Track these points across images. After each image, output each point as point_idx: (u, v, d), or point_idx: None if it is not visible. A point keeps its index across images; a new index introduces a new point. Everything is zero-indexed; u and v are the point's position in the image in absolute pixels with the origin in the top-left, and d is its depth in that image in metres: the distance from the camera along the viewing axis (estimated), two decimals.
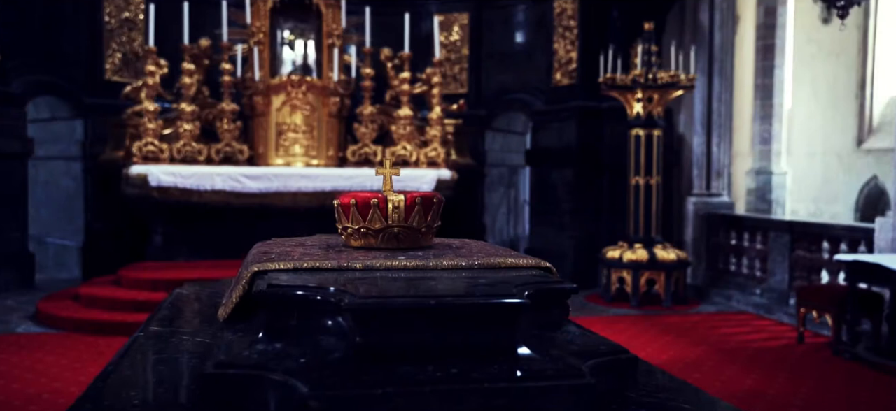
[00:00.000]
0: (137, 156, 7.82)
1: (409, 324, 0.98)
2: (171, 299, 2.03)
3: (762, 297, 7.73)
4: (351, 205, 1.39)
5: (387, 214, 1.37)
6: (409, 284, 1.09)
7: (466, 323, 1.01)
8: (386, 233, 1.38)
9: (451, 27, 10.17)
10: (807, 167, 11.77)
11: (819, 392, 4.84)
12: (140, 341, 1.56)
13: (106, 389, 1.23)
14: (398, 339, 0.98)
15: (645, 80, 7.76)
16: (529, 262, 1.27)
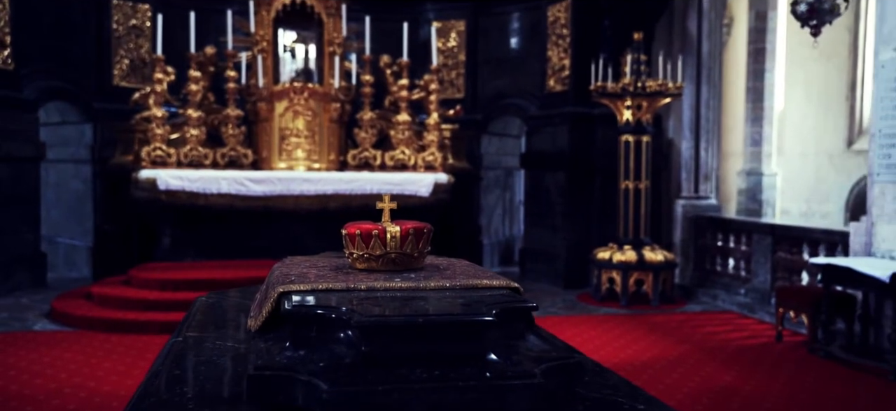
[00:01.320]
0: (146, 160, 8.12)
1: (403, 337, 1.29)
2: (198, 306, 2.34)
3: (746, 297, 8.05)
4: (356, 235, 1.70)
5: (386, 242, 1.68)
6: (403, 304, 1.40)
7: (447, 336, 1.32)
8: (385, 258, 1.69)
9: (448, 34, 10.47)
10: (799, 167, 12.07)
11: (792, 388, 5.16)
12: (179, 345, 1.87)
13: (160, 386, 1.54)
14: (394, 349, 1.29)
15: (634, 89, 8.06)
16: (501, 283, 1.58)
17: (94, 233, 9.57)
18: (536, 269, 9.76)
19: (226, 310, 2.29)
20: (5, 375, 5.08)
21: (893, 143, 5.86)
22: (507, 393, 1.25)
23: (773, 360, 5.91)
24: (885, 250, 5.91)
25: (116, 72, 9.64)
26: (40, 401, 4.58)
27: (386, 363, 1.26)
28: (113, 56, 9.60)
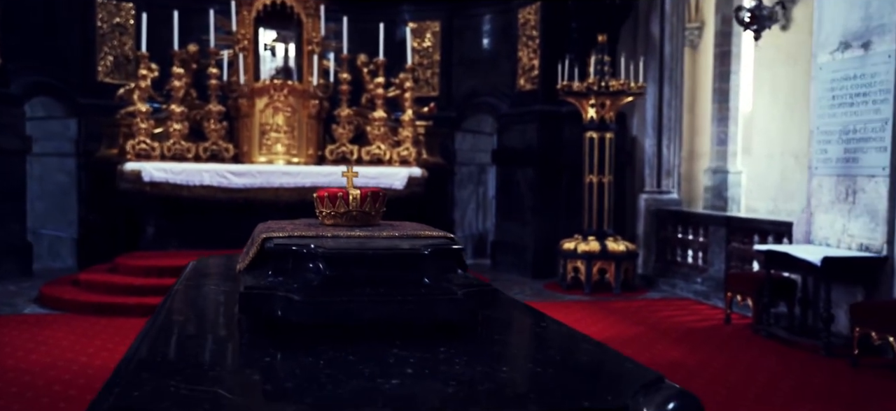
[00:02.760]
0: (131, 153, 8.44)
1: (358, 264, 1.69)
2: (190, 267, 2.73)
3: (702, 285, 8.54)
4: (325, 197, 2.11)
5: (348, 202, 2.09)
6: (360, 243, 1.80)
7: (392, 264, 1.72)
8: (347, 215, 2.09)
9: (423, 34, 10.88)
10: (766, 167, 12.59)
11: (732, 361, 5.63)
12: (179, 290, 2.26)
13: (168, 313, 1.93)
14: (351, 273, 1.69)
15: (598, 88, 8.52)
16: (438, 234, 1.99)
17: (78, 225, 9.86)
18: (507, 261, 10.19)
19: (214, 268, 2.69)
20: (1, 352, 5.41)
21: (829, 140, 6.36)
22: (435, 304, 1.66)
23: (719, 340, 6.39)
24: (821, 238, 6.41)
25: (101, 68, 9.94)
26: (36, 373, 4.92)
27: (345, 283, 1.66)
28: (97, 53, 9.90)
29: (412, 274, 1.73)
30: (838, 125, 6.25)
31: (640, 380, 1.37)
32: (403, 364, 1.44)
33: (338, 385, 1.29)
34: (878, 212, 5.86)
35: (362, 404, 1.18)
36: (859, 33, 6.02)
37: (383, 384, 1.31)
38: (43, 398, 4.42)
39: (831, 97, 6.32)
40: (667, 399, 1.33)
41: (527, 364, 1.58)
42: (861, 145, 6.02)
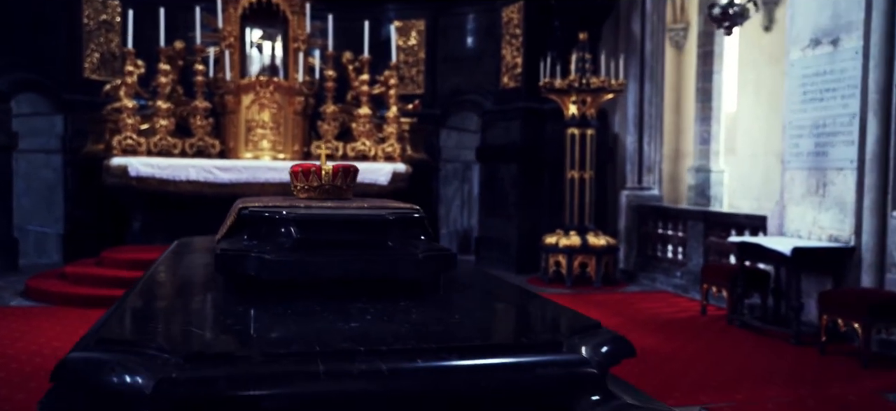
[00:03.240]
0: (117, 148, 8.52)
1: (326, 228, 1.81)
2: (175, 244, 2.85)
3: (681, 279, 8.70)
4: (299, 171, 2.23)
5: (321, 176, 2.21)
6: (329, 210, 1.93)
7: (359, 229, 1.85)
8: (320, 189, 2.21)
9: (408, 33, 11.01)
10: (750, 167, 12.80)
11: (705, 348, 5.78)
12: (163, 259, 2.37)
13: (152, 275, 2.05)
14: (320, 236, 1.81)
15: (579, 85, 8.68)
16: (404, 205, 2.12)
17: (64, 221, 9.91)
18: (491, 256, 10.33)
19: (197, 244, 2.80)
20: None
21: (801, 134, 6.53)
22: (397, 265, 1.78)
23: (694, 329, 6.55)
24: (793, 230, 6.58)
25: (87, 65, 10.00)
26: (23, 360, 5.01)
27: (314, 245, 1.79)
28: (84, 50, 9.95)
29: (377, 238, 1.85)
30: (809, 120, 6.42)
31: (580, 325, 1.50)
32: (364, 312, 1.56)
33: (302, 326, 1.41)
34: (846, 204, 6.04)
35: (323, 340, 1.31)
36: (829, 30, 6.20)
37: (344, 326, 1.43)
38: (30, 382, 4.51)
39: (803, 93, 6.50)
40: (602, 341, 1.47)
41: (477, 312, 1.71)
42: (830, 139, 6.20)
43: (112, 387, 1.21)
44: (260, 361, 1.22)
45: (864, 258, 5.90)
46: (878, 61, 5.80)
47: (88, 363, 1.26)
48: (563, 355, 1.34)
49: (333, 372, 1.22)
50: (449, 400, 1.27)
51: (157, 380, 1.16)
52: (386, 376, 1.24)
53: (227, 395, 1.18)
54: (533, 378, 1.30)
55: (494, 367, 1.29)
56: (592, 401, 1.43)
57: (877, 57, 5.80)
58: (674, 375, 4.97)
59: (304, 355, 1.24)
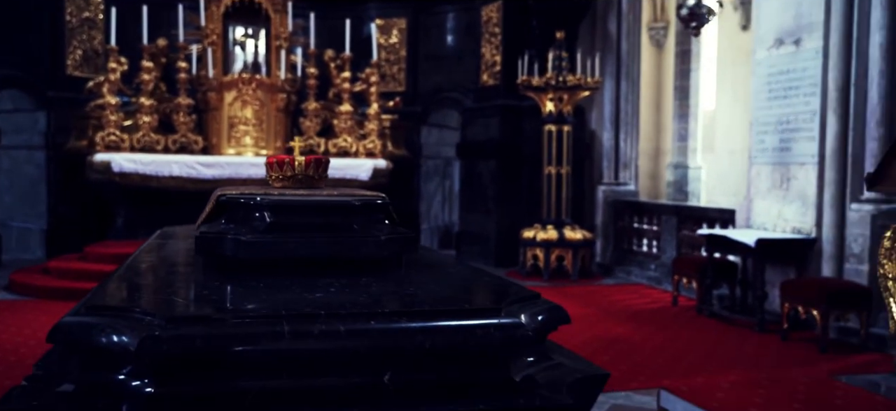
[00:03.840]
0: (100, 145, 8.62)
1: (297, 212, 1.99)
2: (158, 232, 3.01)
3: (655, 272, 8.94)
4: (274, 162, 2.40)
5: (294, 167, 2.38)
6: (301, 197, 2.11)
7: (327, 212, 2.03)
8: (293, 178, 2.38)
9: (390, 31, 11.17)
10: (728, 164, 13.06)
11: (673, 337, 6.00)
12: (146, 246, 2.54)
13: (135, 258, 2.21)
14: (292, 220, 1.98)
15: (556, 83, 8.88)
16: (369, 193, 2.29)
17: (47, 217, 9.99)
18: (471, 251, 10.52)
19: (180, 232, 2.97)
20: None
21: (766, 131, 6.77)
22: (361, 245, 1.96)
23: (664, 319, 6.78)
24: (760, 222, 6.82)
25: (70, 62, 10.08)
26: (8, 350, 5.14)
27: (286, 228, 1.96)
28: (66, 47, 10.03)
29: (344, 221, 2.03)
30: (774, 117, 6.66)
31: (521, 296, 1.69)
32: (329, 286, 1.74)
33: (272, 296, 1.59)
34: (808, 198, 6.28)
35: (289, 307, 1.48)
36: (792, 31, 6.44)
37: (309, 296, 1.61)
38: (15, 370, 4.64)
39: (768, 90, 6.74)
40: (540, 310, 1.65)
41: (431, 286, 1.89)
42: (794, 135, 6.44)
43: (101, 346, 1.37)
44: (233, 323, 1.39)
45: (824, 249, 6.14)
46: (836, 61, 6.04)
47: (80, 326, 1.43)
48: (501, 319, 1.52)
49: (297, 332, 1.40)
50: (399, 358, 1.45)
51: (141, 339, 1.33)
52: (343, 335, 1.42)
53: (203, 351, 1.35)
54: (474, 339, 1.48)
55: (439, 329, 1.47)
56: (528, 362, 1.61)
57: (835, 57, 6.05)
58: (641, 361, 5.18)
59: (271, 317, 1.42)
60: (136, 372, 1.36)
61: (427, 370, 1.46)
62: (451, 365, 1.48)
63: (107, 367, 1.39)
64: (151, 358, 1.34)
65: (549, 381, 1.56)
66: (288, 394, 1.39)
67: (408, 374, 1.44)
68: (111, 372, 1.38)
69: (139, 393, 1.34)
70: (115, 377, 1.38)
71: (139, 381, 1.35)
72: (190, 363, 1.36)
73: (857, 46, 5.96)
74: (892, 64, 5.80)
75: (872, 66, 5.86)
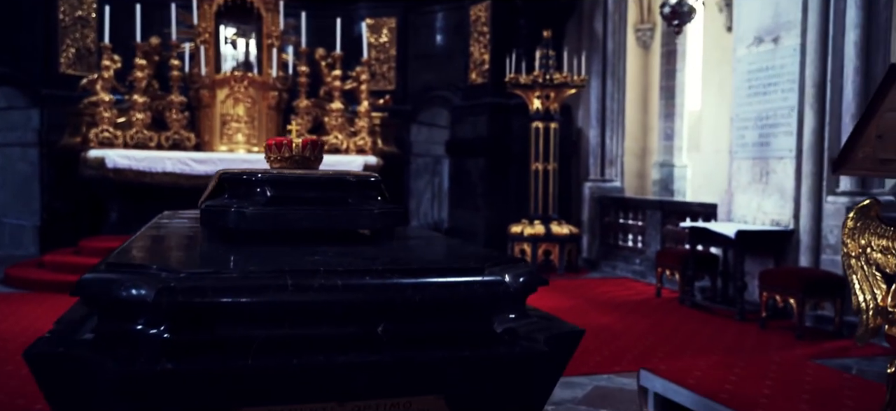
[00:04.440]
0: (94, 141, 8.73)
1: (296, 188, 2.14)
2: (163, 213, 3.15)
3: (640, 265, 9.13)
4: (273, 144, 2.55)
5: (292, 148, 2.53)
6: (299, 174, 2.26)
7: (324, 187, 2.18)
8: (291, 159, 2.54)
9: (380, 30, 11.32)
10: (714, 163, 13.26)
11: (655, 325, 6.18)
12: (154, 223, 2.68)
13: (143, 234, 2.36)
14: (290, 194, 2.13)
15: (543, 80, 9.06)
16: (364, 173, 2.45)
17: (41, 213, 10.07)
18: None
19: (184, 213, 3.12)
20: None
21: (746, 126, 6.97)
22: (357, 218, 2.11)
23: (647, 309, 6.96)
24: (740, 215, 7.02)
25: (63, 60, 10.17)
26: (7, 339, 5.25)
27: (286, 201, 2.11)
28: (60, 45, 10.13)
29: (340, 196, 2.18)
30: (754, 113, 6.86)
31: (504, 260, 1.84)
32: (327, 252, 1.89)
33: (275, 258, 1.74)
34: (786, 191, 6.47)
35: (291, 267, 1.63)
36: (771, 29, 6.64)
37: (309, 258, 1.76)
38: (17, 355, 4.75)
39: (748, 87, 6.94)
40: (520, 272, 1.81)
41: (420, 252, 2.04)
42: (773, 130, 6.64)
43: (121, 299, 1.52)
44: (240, 277, 1.54)
45: (801, 240, 6.34)
46: (813, 58, 6.24)
47: (101, 281, 1.57)
48: (484, 277, 1.68)
49: (298, 286, 1.55)
50: (392, 310, 1.60)
51: (158, 290, 1.48)
52: (340, 289, 1.57)
53: (213, 302, 1.50)
54: (459, 293, 1.64)
55: (428, 285, 1.63)
56: (509, 318, 1.77)
57: (812, 54, 6.25)
58: (623, 348, 5.36)
59: (275, 272, 1.57)
60: (152, 322, 1.51)
61: (417, 322, 1.62)
62: (439, 318, 1.64)
63: (125, 319, 1.54)
64: (167, 308, 1.48)
65: (527, 334, 1.72)
66: (290, 342, 1.54)
67: (399, 325, 1.60)
68: (129, 323, 1.53)
69: (155, 340, 1.49)
70: (133, 327, 1.53)
71: (155, 330, 1.50)
72: (201, 313, 1.51)
73: (833, 44, 6.16)
74: (867, 61, 6.00)
75: (848, 63, 6.06)
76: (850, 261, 3.00)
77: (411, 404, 1.61)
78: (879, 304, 2.94)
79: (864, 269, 2.97)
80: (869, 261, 2.96)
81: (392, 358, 1.56)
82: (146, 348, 1.48)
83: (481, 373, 1.64)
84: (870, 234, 2.93)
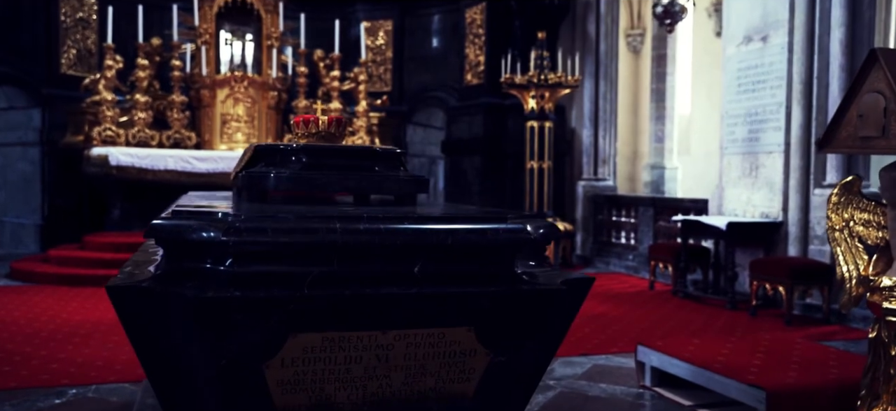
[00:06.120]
0: (97, 139, 8.88)
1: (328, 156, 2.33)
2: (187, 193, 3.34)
3: (633, 261, 9.35)
4: (300, 121, 2.75)
5: (318, 125, 2.73)
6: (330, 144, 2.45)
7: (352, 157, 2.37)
8: (318, 134, 2.73)
9: (376, 33, 11.52)
10: (704, 166, 13.52)
11: (649, 313, 6.40)
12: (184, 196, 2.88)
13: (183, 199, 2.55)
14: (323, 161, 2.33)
15: (538, 81, 9.28)
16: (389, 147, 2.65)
17: (41, 212, 10.18)
18: None
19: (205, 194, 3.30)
20: None
21: (736, 123, 7.21)
22: (383, 182, 2.31)
23: (641, 300, 7.17)
24: (731, 209, 7.25)
25: (64, 61, 10.30)
26: (21, 324, 5.40)
27: (319, 167, 2.30)
28: (61, 46, 10.26)
29: (368, 164, 2.38)
30: (743, 109, 7.10)
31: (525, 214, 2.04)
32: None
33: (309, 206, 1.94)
34: (775, 184, 6.71)
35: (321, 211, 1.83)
36: (759, 28, 6.89)
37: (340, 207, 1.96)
38: (34, 340, 4.91)
39: (737, 84, 7.18)
40: (540, 225, 2.01)
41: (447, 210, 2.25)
42: (762, 126, 6.88)
43: (193, 240, 1.70)
44: (296, 220, 1.74)
45: (790, 231, 6.58)
46: (800, 56, 6.49)
47: (172, 227, 1.75)
48: (508, 225, 1.88)
49: (346, 229, 1.74)
50: (427, 252, 1.80)
51: (226, 228, 1.67)
52: (383, 233, 1.76)
53: (272, 241, 1.69)
54: (486, 237, 1.83)
55: (459, 230, 1.82)
56: (530, 264, 1.97)
57: (799, 52, 6.49)
58: (618, 332, 5.57)
59: (325, 217, 1.76)
60: (220, 259, 1.70)
61: (449, 262, 1.81)
62: (469, 260, 1.83)
63: (194, 258, 1.72)
64: (234, 246, 1.67)
65: (546, 277, 1.92)
66: (338, 277, 1.73)
67: (434, 265, 1.79)
68: (198, 261, 1.72)
69: (224, 274, 1.68)
70: (201, 265, 1.71)
71: (223, 266, 1.69)
72: (262, 251, 1.70)
73: (819, 42, 6.41)
74: (852, 58, 6.24)
75: (833, 61, 6.31)
76: (834, 233, 3.22)
77: (444, 335, 1.81)
78: (862, 274, 3.16)
79: (848, 241, 3.19)
80: (852, 234, 3.18)
81: (427, 292, 1.76)
82: (215, 280, 1.67)
83: (506, 308, 1.84)
84: (852, 208, 3.16)
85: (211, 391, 1.74)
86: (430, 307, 1.78)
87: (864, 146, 2.98)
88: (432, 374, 1.82)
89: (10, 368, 4.21)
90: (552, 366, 4.52)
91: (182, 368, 1.74)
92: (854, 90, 2.95)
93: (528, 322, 1.86)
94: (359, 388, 1.78)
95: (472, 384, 1.87)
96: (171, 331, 1.67)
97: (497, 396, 1.92)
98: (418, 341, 1.78)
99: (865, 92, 2.89)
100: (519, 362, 1.91)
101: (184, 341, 1.68)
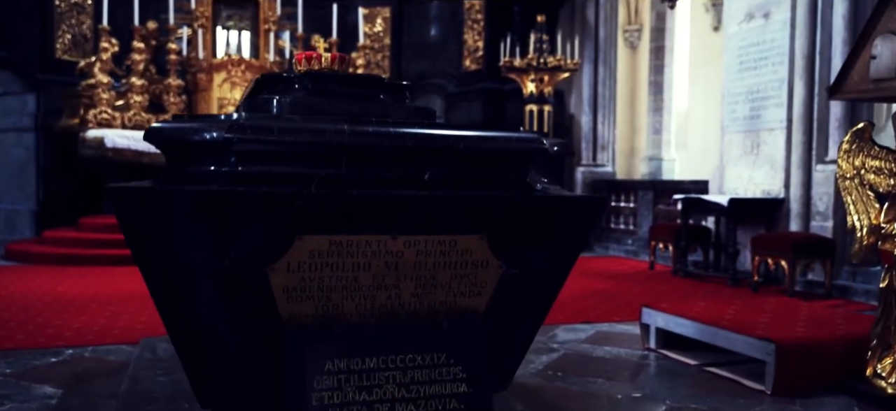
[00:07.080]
0: (93, 122, 8.80)
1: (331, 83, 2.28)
2: None
3: (633, 245, 9.30)
4: (303, 57, 2.69)
5: (321, 61, 2.67)
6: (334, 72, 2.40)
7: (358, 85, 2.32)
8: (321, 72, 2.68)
9: (374, 19, 11.46)
10: (701, 161, 13.49)
11: (650, 289, 6.34)
12: None
13: None
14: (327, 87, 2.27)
15: (537, 64, 9.23)
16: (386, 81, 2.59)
17: (36, 197, 10.09)
18: None
19: None
20: None
21: (737, 101, 7.17)
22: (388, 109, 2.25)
23: (642, 278, 7.12)
24: (732, 188, 7.20)
25: (59, 46, 10.21)
26: (16, 297, 5.32)
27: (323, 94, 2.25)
28: (55, 31, 10.17)
29: (373, 92, 2.32)
30: (744, 87, 7.06)
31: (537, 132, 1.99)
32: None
33: None
34: (776, 161, 6.67)
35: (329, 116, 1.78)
36: (761, 4, 6.85)
37: None
38: (29, 310, 4.84)
39: (739, 62, 7.14)
40: (554, 142, 1.96)
41: None
42: (763, 103, 6.84)
43: (195, 141, 1.65)
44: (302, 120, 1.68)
45: (792, 208, 6.53)
46: (802, 31, 6.45)
47: (175, 129, 1.70)
48: (520, 134, 1.83)
49: (354, 131, 1.69)
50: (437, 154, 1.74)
51: (230, 126, 1.61)
52: (392, 136, 1.71)
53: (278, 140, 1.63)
54: (498, 144, 1.78)
55: (470, 136, 1.77)
56: (544, 180, 1.92)
57: (801, 27, 6.45)
58: (621, 303, 5.52)
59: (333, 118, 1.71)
60: (222, 160, 1.64)
61: (460, 167, 1.76)
62: (480, 166, 1.78)
63: (197, 161, 1.66)
64: (237, 144, 1.62)
65: (558, 192, 1.87)
66: (346, 179, 1.67)
67: (445, 170, 1.74)
68: (201, 164, 1.66)
69: (226, 175, 1.62)
70: (204, 168, 1.65)
71: (227, 166, 1.63)
72: (267, 151, 1.64)
73: (822, 17, 6.37)
74: (855, 33, 6.19)
75: (836, 36, 6.26)
76: (845, 182, 3.17)
77: (456, 242, 1.75)
78: (873, 222, 3.11)
79: (859, 190, 3.13)
80: (863, 182, 3.13)
81: (438, 196, 1.70)
82: (218, 179, 1.61)
83: (519, 216, 1.78)
84: (864, 156, 3.10)
85: (214, 301, 1.69)
86: (441, 211, 1.72)
87: (877, 90, 2.93)
88: (443, 286, 1.76)
89: (6, 332, 4.14)
90: (555, 332, 4.47)
91: (185, 276, 1.68)
92: (867, 32, 2.90)
93: (541, 232, 1.81)
94: (367, 298, 1.72)
95: (483, 299, 1.82)
96: (172, 234, 1.61)
97: (509, 313, 1.87)
98: (429, 249, 1.73)
99: (879, 33, 2.85)
100: (532, 278, 1.86)
101: (186, 243, 1.62)
